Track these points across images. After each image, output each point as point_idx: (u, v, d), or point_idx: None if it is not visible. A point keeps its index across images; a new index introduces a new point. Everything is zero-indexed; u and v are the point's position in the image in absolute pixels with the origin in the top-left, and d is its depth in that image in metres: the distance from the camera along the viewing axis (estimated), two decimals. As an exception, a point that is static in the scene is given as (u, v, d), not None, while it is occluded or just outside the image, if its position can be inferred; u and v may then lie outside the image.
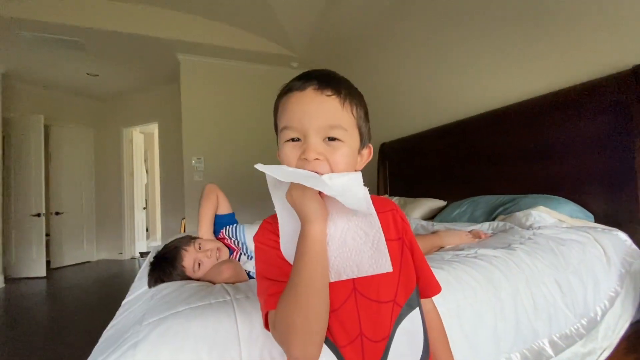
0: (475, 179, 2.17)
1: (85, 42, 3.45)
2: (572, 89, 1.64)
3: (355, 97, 0.52)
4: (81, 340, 2.11)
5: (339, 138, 0.47)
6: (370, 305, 0.49)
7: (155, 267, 1.01)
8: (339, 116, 0.48)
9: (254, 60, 4.09)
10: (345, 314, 0.48)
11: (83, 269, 4.60)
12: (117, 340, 0.66)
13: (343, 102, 0.48)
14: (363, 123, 0.52)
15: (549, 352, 0.98)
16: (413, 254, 0.56)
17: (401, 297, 0.51)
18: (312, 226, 0.45)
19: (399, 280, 0.51)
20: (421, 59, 2.70)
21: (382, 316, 0.49)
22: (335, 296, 0.47)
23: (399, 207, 0.58)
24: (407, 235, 0.56)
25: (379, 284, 0.50)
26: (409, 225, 0.57)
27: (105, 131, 5.31)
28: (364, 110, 0.53)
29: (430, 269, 0.59)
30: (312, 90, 0.48)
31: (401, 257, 0.53)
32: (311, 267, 0.43)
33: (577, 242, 1.20)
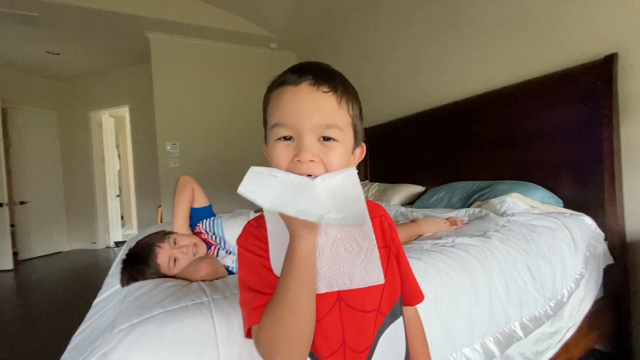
0: (452, 165, 2.21)
1: (42, 17, 3.17)
2: (546, 77, 1.67)
3: (351, 93, 0.49)
4: (53, 337, 2.03)
5: (335, 138, 0.44)
6: (354, 315, 0.48)
7: (127, 265, 0.96)
8: (335, 115, 0.45)
9: (231, 40, 3.90)
10: (329, 325, 0.47)
11: (54, 260, 4.41)
12: (87, 349, 0.62)
13: (340, 100, 0.45)
14: (358, 121, 0.50)
15: (519, 334, 1.03)
16: (399, 262, 0.55)
17: (385, 306, 0.50)
18: (300, 242, 0.42)
19: (383, 289, 0.50)
20: (401, 44, 2.67)
21: (365, 326, 0.48)
22: (319, 306, 0.45)
23: (387, 212, 0.57)
24: (394, 242, 0.55)
25: (365, 293, 0.49)
26: (396, 232, 0.56)
27: (70, 114, 4.98)
28: (359, 108, 0.51)
29: (415, 277, 0.59)
30: (308, 86, 0.44)
31: (387, 265, 0.52)
32: (297, 285, 0.41)
33: (548, 228, 1.25)
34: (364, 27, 3.08)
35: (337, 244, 0.47)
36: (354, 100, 0.49)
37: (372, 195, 2.50)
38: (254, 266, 0.48)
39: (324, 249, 0.47)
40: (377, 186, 2.56)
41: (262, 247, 0.48)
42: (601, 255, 1.37)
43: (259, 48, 4.11)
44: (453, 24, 2.22)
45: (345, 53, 3.39)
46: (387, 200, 2.29)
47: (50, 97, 4.89)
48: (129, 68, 4.62)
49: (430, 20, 2.39)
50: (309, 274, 0.42)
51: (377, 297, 0.50)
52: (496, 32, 1.95)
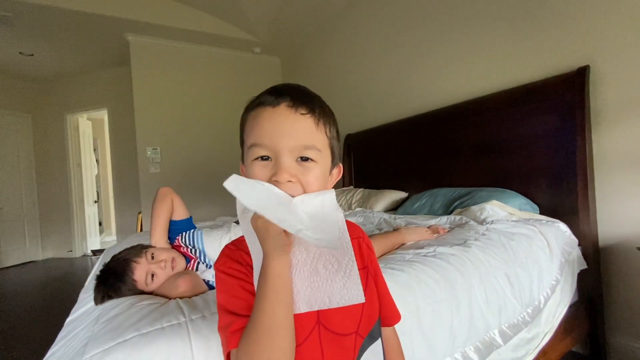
0: (434, 171, 2.24)
1: (13, 16, 3.04)
2: (523, 87, 1.73)
3: (329, 115, 0.49)
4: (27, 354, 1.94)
5: (312, 159, 0.45)
6: (334, 339, 0.47)
7: (102, 282, 0.92)
8: (313, 136, 0.45)
9: (214, 44, 3.85)
10: (309, 350, 0.46)
11: (27, 269, 4.22)
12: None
13: (317, 122, 0.46)
14: (335, 142, 0.50)
15: (499, 341, 1.05)
16: (377, 283, 0.55)
17: (364, 329, 0.50)
18: (272, 261, 0.42)
19: (362, 311, 0.50)
20: (384, 51, 2.70)
21: (345, 349, 0.48)
22: (298, 331, 0.44)
23: (365, 234, 0.57)
24: (372, 264, 0.55)
25: (343, 315, 0.48)
26: (374, 253, 0.57)
27: (45, 117, 4.80)
28: (336, 129, 0.51)
29: (392, 297, 0.59)
30: (286, 107, 0.44)
31: (366, 286, 0.52)
32: (273, 306, 0.41)
33: (525, 235, 1.29)
34: (348, 33, 3.11)
35: (317, 261, 0.46)
36: (331, 123, 0.49)
37: (356, 201, 2.51)
38: (233, 290, 0.47)
39: (304, 266, 0.46)
40: (362, 192, 2.57)
41: (241, 270, 0.47)
42: (575, 261, 1.42)
43: (242, 52, 4.08)
44: (436, 34, 2.27)
45: (329, 58, 3.41)
46: (371, 206, 2.31)
47: (24, 99, 4.69)
48: (107, 70, 4.49)
49: (413, 29, 2.44)
50: (284, 293, 0.42)
51: (356, 320, 0.49)
52: (477, 43, 2.01)
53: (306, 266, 0.46)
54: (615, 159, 1.46)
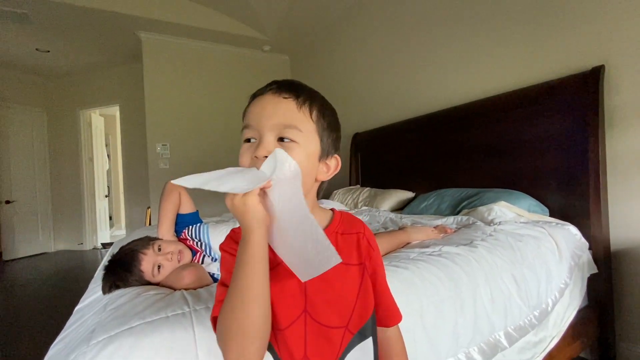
0: (442, 172, 2.22)
1: (31, 14, 3.11)
2: (534, 87, 1.70)
3: (319, 105, 0.50)
4: (36, 341, 1.99)
5: (292, 139, 0.46)
6: (319, 330, 0.48)
7: (109, 272, 0.94)
8: (294, 117, 0.47)
9: (224, 42, 3.88)
10: (292, 335, 0.47)
11: (39, 261, 4.32)
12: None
13: (300, 105, 0.48)
14: (325, 132, 0.50)
15: (504, 343, 1.04)
16: (375, 281, 0.54)
17: (354, 325, 0.50)
18: (248, 234, 0.43)
19: (354, 306, 0.50)
20: (393, 50, 2.69)
21: (330, 342, 0.48)
22: (284, 316, 0.46)
23: (369, 230, 0.56)
24: (370, 261, 0.54)
25: (332, 308, 0.49)
26: (375, 251, 0.55)
27: (59, 113, 4.90)
28: (330, 120, 0.52)
29: (392, 298, 0.58)
30: (271, 93, 0.49)
31: (360, 283, 0.52)
32: (247, 277, 0.42)
33: (533, 237, 1.27)
34: (357, 32, 3.10)
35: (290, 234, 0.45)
36: (321, 110, 0.50)
37: (362, 200, 2.50)
38: (230, 266, 0.48)
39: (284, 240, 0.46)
40: (368, 191, 2.56)
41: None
42: (585, 265, 1.39)
43: (252, 50, 4.10)
44: (446, 33, 2.24)
45: (338, 57, 3.40)
46: (377, 205, 2.30)
47: (39, 95, 4.81)
48: (120, 67, 4.57)
49: (423, 28, 2.42)
50: (259, 266, 0.43)
51: (346, 315, 0.50)
52: (485, 43, 1.98)
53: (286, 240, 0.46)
54: (629, 161, 1.42)
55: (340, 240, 0.52)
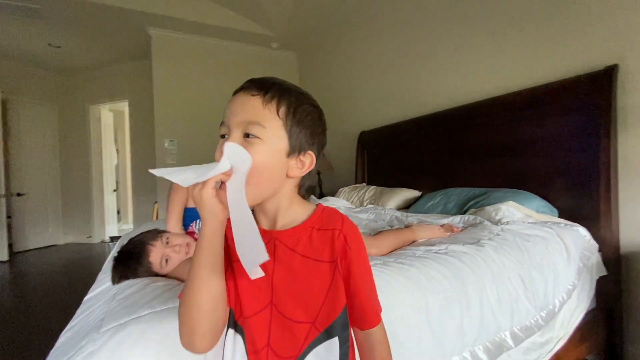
0: (449, 171, 2.21)
1: (44, 9, 3.16)
2: (544, 86, 1.68)
3: (290, 101, 0.50)
4: (45, 329, 2.03)
5: (255, 135, 0.47)
6: (283, 322, 0.50)
7: (119, 262, 0.96)
8: (257, 113, 0.48)
9: (232, 39, 3.90)
10: (256, 324, 0.50)
11: (49, 252, 4.40)
12: (73, 348, 0.62)
13: (267, 102, 0.48)
14: (296, 128, 0.50)
15: (509, 343, 1.03)
16: (349, 280, 0.51)
17: (322, 322, 0.50)
18: (204, 225, 0.46)
19: (323, 304, 0.50)
20: (401, 48, 2.67)
21: (294, 335, 0.49)
22: (249, 305, 0.50)
23: (349, 227, 0.52)
24: (345, 260, 0.51)
25: (297, 303, 0.50)
26: (353, 250, 0.51)
27: (70, 107, 4.97)
28: (303, 116, 0.51)
29: (370, 300, 0.54)
30: (242, 91, 0.50)
31: (331, 281, 0.50)
32: (197, 264, 0.45)
33: (541, 237, 1.26)
34: (364, 30, 3.08)
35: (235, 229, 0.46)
36: (291, 107, 0.49)
37: (368, 198, 2.50)
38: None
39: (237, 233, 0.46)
40: (374, 189, 2.55)
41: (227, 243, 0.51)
42: (594, 267, 1.37)
43: (260, 47, 4.11)
44: (454, 31, 2.22)
45: (345, 55, 3.39)
46: (383, 204, 2.29)
47: (51, 90, 4.88)
48: (129, 63, 4.61)
49: (431, 27, 2.40)
50: (207, 254, 0.46)
51: (313, 311, 0.50)
52: (496, 41, 1.96)
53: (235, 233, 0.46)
54: (640, 162, 1.40)
55: (314, 236, 0.51)
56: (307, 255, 0.50)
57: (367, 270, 0.53)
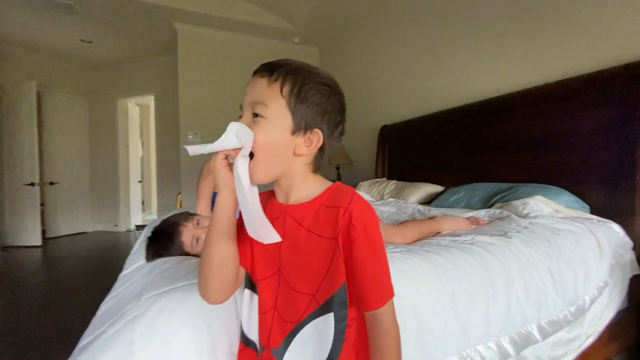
0: (473, 166, 2.17)
1: (77, 5, 3.30)
2: (577, 79, 1.62)
3: (295, 80, 0.51)
4: (78, 309, 2.14)
5: (260, 114, 0.50)
6: (288, 291, 0.53)
7: (153, 241, 1.00)
8: (262, 93, 0.51)
9: (255, 34, 3.95)
10: (266, 287, 0.55)
11: (79, 239, 4.62)
12: (116, 314, 0.66)
13: (272, 82, 0.51)
14: (300, 106, 0.51)
15: (536, 336, 1.02)
16: (350, 261, 0.50)
17: (322, 295, 0.51)
18: (218, 193, 0.52)
19: (324, 278, 0.51)
20: (425, 40, 2.63)
21: (295, 304, 0.53)
22: (262, 269, 0.56)
23: (357, 206, 0.50)
24: (347, 238, 0.49)
25: (300, 274, 0.53)
26: (358, 230, 0.49)
27: (99, 101, 5.17)
28: (308, 94, 0.51)
29: (371, 282, 0.50)
30: (254, 74, 0.54)
31: (332, 257, 0.50)
32: (210, 226, 0.53)
33: (572, 232, 1.22)
34: (387, 23, 3.05)
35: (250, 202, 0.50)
36: (295, 86, 0.51)
37: (389, 193, 2.49)
38: None
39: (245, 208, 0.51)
40: (395, 184, 2.54)
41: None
42: (628, 265, 1.32)
43: (282, 42, 4.14)
44: (479, 22, 2.17)
45: (367, 49, 3.37)
46: (404, 198, 2.28)
47: (82, 84, 5.09)
48: (155, 57, 4.75)
49: (454, 18, 2.35)
50: (218, 221, 0.52)
51: (314, 284, 0.52)
52: (525, 31, 1.90)
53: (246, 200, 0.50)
54: (682, 157, 1.33)
55: (322, 212, 0.52)
56: (312, 230, 0.52)
57: (374, 252, 0.50)
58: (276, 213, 0.56)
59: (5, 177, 4.14)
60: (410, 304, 0.83)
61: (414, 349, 0.81)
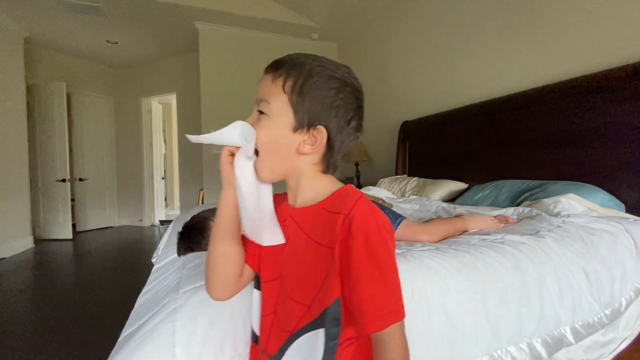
0: (498, 163, 2.11)
1: (104, 7, 3.41)
2: (610, 72, 1.55)
3: (299, 76, 0.48)
4: (109, 300, 2.24)
5: (263, 111, 0.50)
6: (286, 299, 0.50)
7: (184, 236, 1.04)
8: (265, 90, 0.50)
9: (274, 31, 3.97)
10: (268, 290, 0.54)
11: (106, 233, 4.81)
12: (156, 306, 0.69)
13: (275, 78, 0.50)
14: (303, 103, 0.48)
15: (570, 339, 0.99)
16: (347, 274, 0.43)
17: (316, 308, 0.46)
18: (221, 189, 0.52)
19: (319, 289, 0.46)
20: (448, 34, 2.57)
21: (291, 313, 0.49)
22: (267, 271, 0.55)
23: (361, 214, 0.43)
24: (345, 249, 0.43)
25: (298, 281, 0.49)
26: (359, 242, 0.42)
27: (124, 100, 5.35)
28: (311, 89, 0.48)
29: (368, 302, 0.42)
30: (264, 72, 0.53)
31: (328, 267, 0.45)
32: (215, 224, 0.53)
33: (608, 232, 1.17)
34: (406, 18, 3.00)
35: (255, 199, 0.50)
36: (298, 81, 0.48)
37: (410, 190, 2.46)
38: None
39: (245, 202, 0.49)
40: (416, 181, 2.51)
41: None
42: (668, 266, 1.26)
43: (301, 39, 4.15)
44: (505, 13, 2.10)
45: (387, 44, 3.33)
46: (427, 195, 2.25)
47: (108, 84, 5.27)
48: (177, 57, 4.86)
49: (480, 9, 2.28)
50: (220, 218, 0.52)
51: (309, 294, 0.47)
52: (553, 21, 1.82)
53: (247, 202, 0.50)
54: None
55: (324, 217, 0.47)
56: (311, 236, 0.48)
57: (375, 267, 0.42)
58: (283, 216, 0.53)
59: (39, 174, 4.36)
60: (440, 302, 0.82)
61: (444, 348, 0.81)
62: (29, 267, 3.18)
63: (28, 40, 3.98)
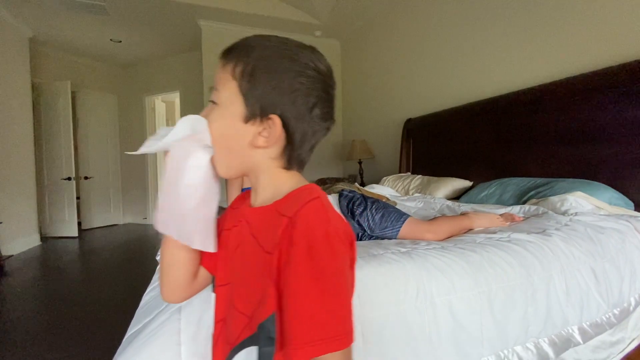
0: (504, 160, 2.09)
1: (108, 6, 3.42)
2: (619, 68, 1.52)
3: (247, 58, 0.43)
4: (115, 297, 2.25)
5: (213, 100, 0.45)
6: (232, 308, 0.45)
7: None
8: (217, 77, 0.45)
9: (277, 28, 3.96)
10: (219, 296, 0.50)
11: (111, 231, 4.85)
12: (161, 304, 0.69)
13: (226, 63, 0.44)
14: (252, 87, 0.42)
15: (577, 339, 0.98)
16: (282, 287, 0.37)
17: (255, 321, 0.39)
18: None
19: (259, 300, 0.39)
20: (452, 30, 2.54)
21: (235, 323, 0.43)
22: (220, 275, 0.50)
23: (307, 218, 0.37)
24: (284, 257, 0.37)
25: (240, 291, 0.44)
26: (300, 249, 0.36)
27: (128, 99, 5.37)
28: (264, 73, 0.42)
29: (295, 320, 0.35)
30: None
31: (267, 274, 0.38)
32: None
33: (617, 230, 1.16)
34: (411, 14, 2.97)
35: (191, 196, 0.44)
36: (249, 66, 0.42)
37: (414, 188, 2.45)
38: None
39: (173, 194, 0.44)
40: (420, 178, 2.49)
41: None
42: (678, 265, 1.24)
43: (303, 36, 4.13)
44: (511, 11, 2.07)
45: (390, 41, 3.30)
46: (431, 193, 2.23)
47: (112, 82, 5.30)
48: (180, 55, 4.87)
49: (487, 3, 2.25)
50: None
51: (250, 305, 0.41)
52: (560, 16, 1.80)
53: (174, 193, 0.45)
54: None
55: (272, 219, 0.41)
56: (259, 240, 0.42)
57: (315, 280, 0.35)
58: (236, 219, 0.48)
59: (44, 172, 4.39)
60: (446, 301, 0.82)
61: (449, 347, 0.80)
62: (35, 265, 3.21)
63: (33, 40, 4.01)
